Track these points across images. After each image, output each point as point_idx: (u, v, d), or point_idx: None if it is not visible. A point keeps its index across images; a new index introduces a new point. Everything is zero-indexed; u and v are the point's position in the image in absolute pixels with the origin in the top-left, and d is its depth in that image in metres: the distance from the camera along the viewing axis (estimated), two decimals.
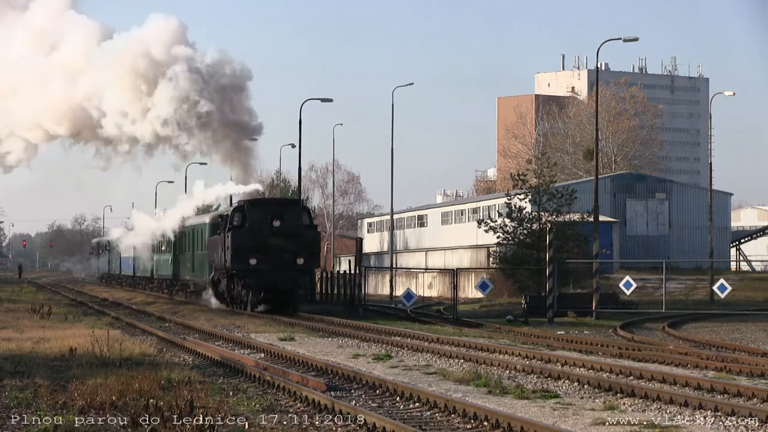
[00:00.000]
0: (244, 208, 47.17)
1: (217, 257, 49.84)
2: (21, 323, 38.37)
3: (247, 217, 46.79)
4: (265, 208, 46.97)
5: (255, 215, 46.59)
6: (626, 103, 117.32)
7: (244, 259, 46.10)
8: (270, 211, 46.62)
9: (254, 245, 45.94)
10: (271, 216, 46.22)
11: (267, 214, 46.39)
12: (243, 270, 46.53)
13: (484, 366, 25.07)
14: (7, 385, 21.18)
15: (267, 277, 45.93)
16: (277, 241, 45.83)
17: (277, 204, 49.58)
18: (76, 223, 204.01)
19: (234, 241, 46.42)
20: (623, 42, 54.34)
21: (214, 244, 50.99)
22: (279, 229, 46.01)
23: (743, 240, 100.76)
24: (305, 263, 46.30)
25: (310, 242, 46.89)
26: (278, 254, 45.75)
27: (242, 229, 46.56)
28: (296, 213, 47.18)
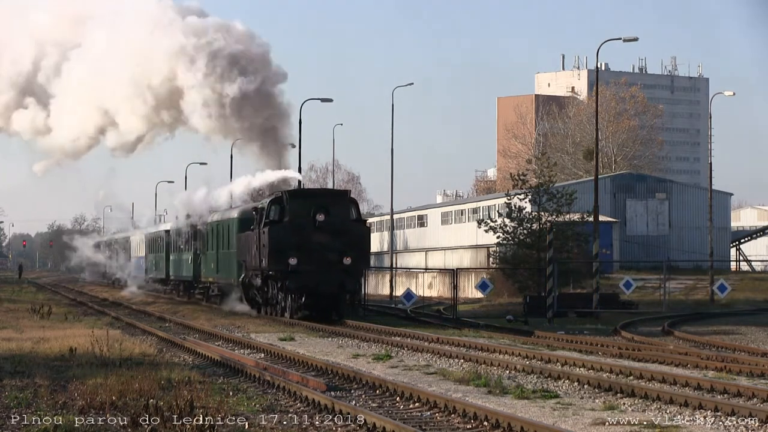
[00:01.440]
0: (283, 200, 41.50)
1: (249, 256, 44.47)
2: (21, 323, 38.39)
3: (286, 210, 41.23)
4: (307, 200, 41.23)
5: (295, 208, 40.96)
6: (626, 103, 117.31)
7: (282, 259, 40.47)
8: (313, 203, 40.88)
9: (294, 242, 40.42)
10: (314, 209, 40.54)
11: (309, 206, 40.68)
12: (281, 271, 40.90)
13: (484, 366, 25.07)
14: (7, 385, 21.18)
15: (309, 280, 40.29)
16: (320, 237, 40.39)
17: (321, 195, 43.50)
18: (76, 223, 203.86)
19: (271, 237, 40.84)
20: (623, 42, 54.32)
21: (246, 241, 45.68)
22: (323, 224, 40.47)
23: (743, 240, 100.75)
24: (353, 263, 40.60)
25: (359, 239, 41.21)
26: (322, 253, 40.37)
27: (281, 224, 41.08)
28: (343, 205, 41.42)
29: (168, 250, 68.72)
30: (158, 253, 72.70)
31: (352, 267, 40.59)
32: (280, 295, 42.08)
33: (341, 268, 40.25)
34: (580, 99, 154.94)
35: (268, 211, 41.66)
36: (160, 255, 71.76)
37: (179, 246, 64.90)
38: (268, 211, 41.72)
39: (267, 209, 41.78)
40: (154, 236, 75.25)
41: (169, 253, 68.52)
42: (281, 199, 41.59)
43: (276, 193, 42.69)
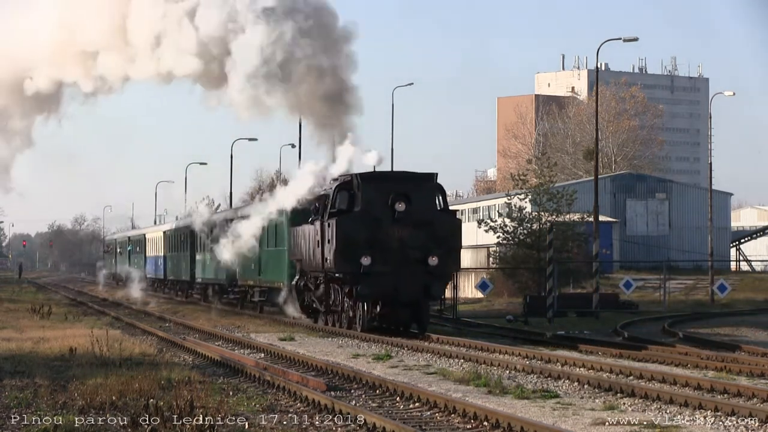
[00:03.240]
0: (354, 185, 34.09)
1: (307, 255, 37.32)
2: (21, 323, 38.40)
3: (357, 198, 33.90)
4: (383, 186, 33.75)
5: (369, 195, 33.64)
6: (626, 103, 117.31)
7: (352, 258, 33.13)
8: (390, 189, 33.54)
9: (368, 238, 33.20)
10: (393, 196, 33.30)
11: (386, 193, 33.45)
12: (350, 273, 33.43)
13: (484, 366, 25.07)
14: (7, 385, 21.19)
15: (385, 284, 32.98)
16: (400, 231, 33.33)
17: (401, 179, 34.55)
18: (76, 223, 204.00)
19: (339, 231, 33.47)
20: (623, 42, 54.29)
21: (301, 237, 38.53)
22: (404, 215, 33.24)
23: (743, 240, 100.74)
24: (440, 264, 33.20)
25: (448, 233, 33.72)
26: (402, 251, 33.22)
27: (351, 215, 33.75)
28: (427, 192, 33.94)
29: (193, 249, 61.11)
30: (180, 251, 65.01)
31: (438, 268, 33.26)
32: (347, 303, 34.85)
33: (425, 270, 33.11)
34: (580, 99, 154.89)
35: (335, 198, 34.36)
36: (182, 254, 64.22)
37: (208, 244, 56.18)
38: (334, 198, 34.40)
39: (333, 197, 34.45)
40: (176, 233, 67.32)
41: (194, 252, 60.80)
42: (351, 184, 34.19)
43: (344, 177, 34.98)
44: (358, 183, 34.00)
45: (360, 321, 34.08)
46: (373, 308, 33.69)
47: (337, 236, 33.49)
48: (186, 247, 62.65)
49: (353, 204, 33.97)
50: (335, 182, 35.31)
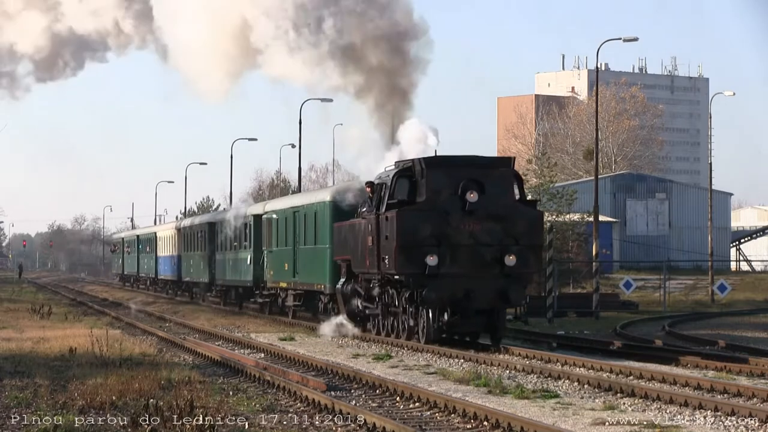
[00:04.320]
0: (416, 172, 29.30)
1: (357, 254, 32.20)
2: (21, 323, 38.38)
3: (421, 187, 29.02)
4: (451, 172, 28.88)
5: (436, 183, 28.86)
6: (626, 103, 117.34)
7: (416, 257, 28.47)
8: (460, 175, 28.71)
9: (435, 233, 28.54)
10: (463, 184, 28.53)
11: (455, 181, 28.66)
12: (414, 275, 28.60)
13: (484, 366, 25.07)
14: (7, 385, 21.19)
15: (456, 288, 28.30)
16: (472, 226, 28.68)
17: (472, 164, 29.56)
18: (76, 223, 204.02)
19: (400, 226, 28.69)
20: (623, 42, 54.32)
21: (349, 233, 33.38)
22: (476, 207, 28.52)
23: (743, 240, 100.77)
24: (519, 264, 28.59)
25: (528, 228, 29.10)
26: (475, 249, 28.64)
27: (414, 207, 28.98)
28: (503, 179, 29.20)
29: (212, 247, 55.33)
30: (198, 251, 59.10)
31: (517, 269, 28.69)
32: (408, 310, 29.96)
33: (502, 271, 28.66)
34: (580, 99, 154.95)
35: (394, 187, 29.56)
36: (200, 253, 58.32)
37: (231, 241, 51.41)
38: (393, 187, 29.58)
39: (391, 185, 29.59)
40: (193, 230, 61.64)
41: (214, 250, 55.11)
42: (412, 171, 29.42)
43: (404, 162, 30.23)
44: (421, 169, 28.93)
45: (423, 331, 29.04)
46: (440, 316, 28.80)
47: (397, 232, 28.64)
48: (204, 246, 56.95)
49: (415, 194, 29.18)
50: (393, 168, 30.48)
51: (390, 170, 30.61)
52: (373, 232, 30.21)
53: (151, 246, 76.60)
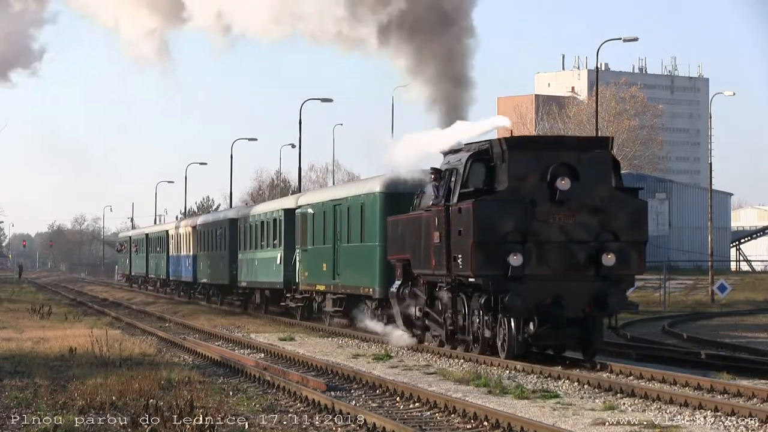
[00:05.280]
0: (495, 155, 25.03)
1: (419, 252, 27.97)
2: (21, 323, 38.38)
3: (501, 173, 24.78)
4: (538, 155, 24.64)
5: (519, 168, 24.53)
6: (626, 103, 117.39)
7: (496, 256, 24.21)
8: (549, 159, 24.46)
9: (519, 228, 24.32)
10: (553, 169, 24.29)
11: (543, 165, 24.42)
12: (494, 277, 24.29)
13: (484, 366, 25.06)
14: (7, 385, 21.19)
15: (544, 292, 24.25)
16: (564, 218, 24.44)
17: (563, 146, 25.70)
18: (76, 223, 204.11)
19: (477, 219, 24.39)
20: (623, 42, 54.40)
21: (406, 228, 29.20)
22: (568, 196, 24.33)
23: (743, 240, 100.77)
24: (619, 263, 24.42)
25: (630, 222, 24.81)
26: (567, 246, 24.50)
27: (494, 197, 24.61)
28: (600, 164, 24.82)
29: (233, 246, 51.20)
30: (217, 250, 54.65)
31: (617, 269, 24.46)
32: (485, 319, 25.35)
33: (599, 273, 24.44)
34: (580, 99, 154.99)
35: (467, 173, 25.30)
36: (219, 253, 53.79)
37: (257, 239, 47.06)
38: (466, 173, 25.33)
39: (465, 170, 25.38)
40: (211, 228, 57.17)
41: (235, 249, 50.83)
42: (490, 153, 25.19)
43: (479, 144, 26.04)
44: (501, 151, 24.69)
45: (504, 344, 24.71)
46: (525, 326, 24.45)
47: (474, 226, 24.38)
48: (224, 245, 52.62)
49: (494, 180, 24.92)
50: (465, 151, 26.26)
51: (459, 153, 26.48)
52: (442, 226, 25.96)
53: (162, 245, 72.08)
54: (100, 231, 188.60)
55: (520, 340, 24.48)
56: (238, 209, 55.30)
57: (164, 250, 71.12)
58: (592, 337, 24.68)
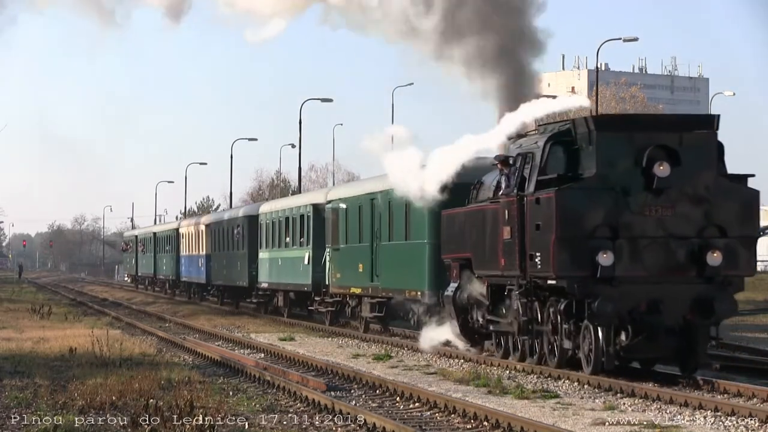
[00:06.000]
0: (578, 135, 22.00)
1: (482, 250, 24.67)
2: (21, 323, 38.40)
3: (587, 157, 21.72)
4: (631, 136, 21.49)
5: (610, 151, 21.42)
6: (626, 103, 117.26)
7: (583, 254, 21.16)
8: (644, 141, 21.36)
9: (610, 222, 21.29)
10: (650, 153, 21.21)
11: (637, 148, 21.34)
12: (581, 279, 21.22)
13: (484, 366, 25.06)
14: (7, 385, 21.20)
15: (638, 296, 21.19)
16: (662, 210, 21.36)
17: (660, 126, 22.39)
18: (76, 223, 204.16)
19: (561, 210, 21.34)
20: (623, 42, 54.38)
21: (469, 222, 25.66)
22: (668, 184, 21.21)
23: None
24: (726, 263, 21.37)
25: (740, 215, 21.73)
26: (666, 244, 21.37)
27: (579, 185, 21.59)
28: (705, 147, 21.64)
29: (253, 245, 47.70)
30: (234, 249, 51.16)
31: (724, 270, 21.43)
32: (565, 327, 22.13)
33: (703, 274, 21.38)
34: None
35: (546, 157, 22.29)
36: (237, 252, 50.31)
37: (280, 237, 43.68)
38: (544, 158, 22.30)
39: (542, 155, 22.34)
40: (227, 225, 53.48)
41: (255, 248, 47.22)
42: (573, 134, 22.15)
43: (559, 124, 23.22)
44: (588, 132, 21.60)
45: (590, 356, 21.45)
46: (616, 336, 21.18)
47: (557, 219, 21.35)
48: (243, 244, 49.20)
49: (577, 166, 21.89)
50: (540, 133, 23.45)
51: (533, 136, 23.62)
52: (513, 220, 22.74)
53: (172, 244, 68.15)
54: (100, 231, 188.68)
55: (611, 353, 21.12)
56: (258, 205, 51.35)
57: (174, 250, 67.40)
58: (694, 348, 21.39)
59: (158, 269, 75.07)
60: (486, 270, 24.73)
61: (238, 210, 55.46)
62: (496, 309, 24.76)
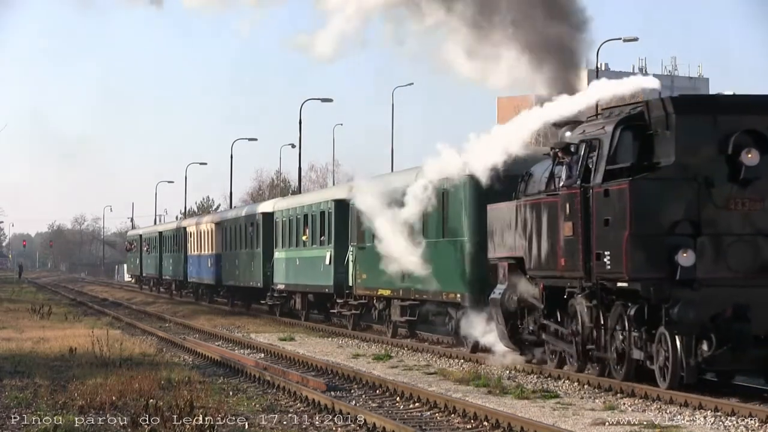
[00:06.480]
0: (651, 119, 19.86)
1: (538, 248, 22.29)
2: (21, 323, 38.39)
3: (663, 143, 19.62)
4: (716, 118, 19.42)
5: (690, 137, 19.30)
6: None
7: (660, 253, 19.08)
8: (729, 125, 19.33)
9: (690, 217, 19.23)
10: (736, 139, 19.19)
11: (722, 133, 19.31)
12: (657, 281, 19.05)
13: (484, 366, 25.06)
14: (7, 385, 21.19)
15: (723, 301, 19.01)
16: (750, 204, 19.34)
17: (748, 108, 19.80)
18: (76, 223, 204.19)
19: (636, 203, 19.17)
20: (623, 42, 54.32)
21: (516, 218, 23.36)
22: (757, 174, 19.20)
23: None
24: None
25: None
26: (754, 242, 19.29)
27: (656, 175, 19.45)
28: None
29: (268, 244, 45.47)
30: (247, 248, 49.00)
31: None
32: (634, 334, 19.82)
33: None
34: None
35: (615, 144, 20.17)
36: (251, 251, 48.13)
37: (298, 235, 41.62)
38: (613, 144, 20.19)
39: (611, 141, 20.21)
40: (239, 223, 51.25)
41: (271, 247, 45.03)
42: (646, 118, 19.99)
43: (630, 106, 20.81)
44: (664, 114, 19.51)
45: (666, 369, 19.20)
46: (698, 346, 18.93)
47: (631, 213, 19.18)
48: (256, 242, 47.11)
49: (652, 154, 19.78)
50: (606, 117, 21.16)
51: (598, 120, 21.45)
52: (576, 215, 20.59)
53: (179, 243, 65.89)
54: (100, 231, 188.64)
55: (692, 365, 18.88)
56: (273, 202, 48.71)
57: (182, 249, 64.83)
58: None
59: (164, 270, 72.69)
60: (541, 271, 22.40)
61: (251, 207, 53.29)
62: (550, 314, 22.57)
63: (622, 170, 19.94)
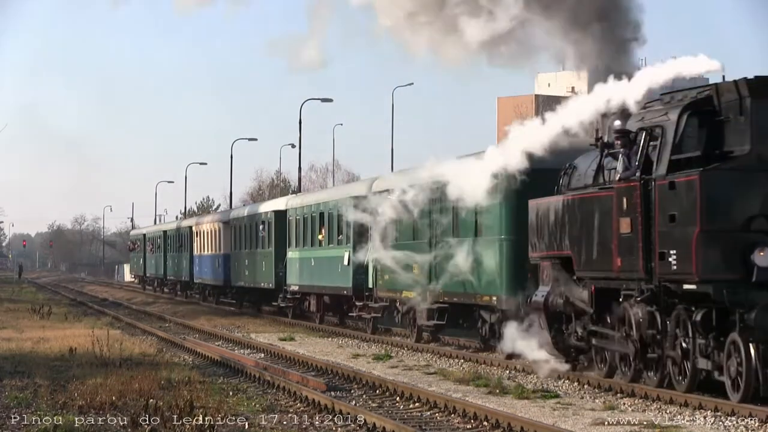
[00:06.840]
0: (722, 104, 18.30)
1: (589, 247, 20.68)
2: (21, 323, 38.39)
3: (737, 131, 18.01)
4: None
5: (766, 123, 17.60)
6: None
7: (734, 252, 17.54)
8: None
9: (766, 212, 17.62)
10: None
11: None
12: (731, 283, 17.49)
13: (484, 366, 25.06)
14: (7, 385, 21.19)
15: None
16: None
17: None
18: (76, 223, 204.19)
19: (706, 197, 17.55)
20: None
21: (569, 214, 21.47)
22: None
23: None
24: None
25: None
26: None
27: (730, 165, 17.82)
28: None
29: (280, 244, 43.65)
30: (258, 248, 47.39)
31: None
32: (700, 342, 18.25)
33: None
34: None
35: (680, 131, 18.59)
36: (262, 251, 46.49)
37: (313, 235, 39.75)
38: (678, 132, 18.60)
39: (675, 129, 18.62)
40: (249, 222, 49.58)
41: (283, 247, 43.18)
42: (715, 103, 18.45)
43: (697, 90, 19.13)
44: (739, 98, 17.87)
45: (736, 382, 17.76)
46: None
47: (701, 207, 17.56)
48: (268, 242, 45.47)
49: (723, 142, 18.17)
50: (666, 102, 19.53)
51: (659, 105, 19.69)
52: (635, 210, 18.99)
53: (185, 243, 63.91)
54: (100, 231, 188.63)
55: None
56: (286, 199, 46.52)
57: (187, 249, 62.91)
58: None
59: (168, 270, 70.76)
60: (592, 271, 20.73)
61: (263, 205, 51.10)
62: (600, 318, 20.95)
63: (689, 160, 18.33)
